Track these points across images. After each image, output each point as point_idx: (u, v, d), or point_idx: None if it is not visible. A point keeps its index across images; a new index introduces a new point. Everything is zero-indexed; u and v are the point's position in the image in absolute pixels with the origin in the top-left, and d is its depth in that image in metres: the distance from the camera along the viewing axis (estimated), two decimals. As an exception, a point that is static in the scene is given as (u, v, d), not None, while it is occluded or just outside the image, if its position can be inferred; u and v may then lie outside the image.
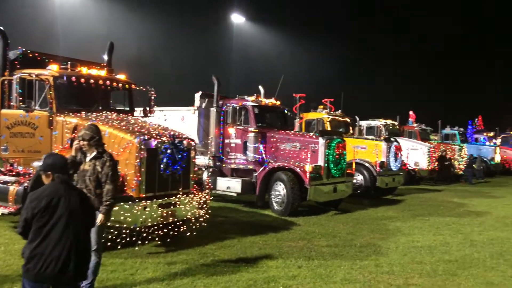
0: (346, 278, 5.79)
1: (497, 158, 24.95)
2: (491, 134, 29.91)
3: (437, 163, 19.38)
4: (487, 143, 27.23)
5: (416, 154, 18.64)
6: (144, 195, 6.51)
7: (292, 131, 12.23)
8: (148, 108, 8.85)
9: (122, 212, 6.12)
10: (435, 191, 16.58)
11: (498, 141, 28.66)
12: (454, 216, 10.93)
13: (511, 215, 11.38)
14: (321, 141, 10.65)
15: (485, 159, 23.90)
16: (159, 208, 6.64)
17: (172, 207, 6.84)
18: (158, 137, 6.80)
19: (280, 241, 7.75)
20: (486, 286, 5.70)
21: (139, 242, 6.51)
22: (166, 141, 6.82)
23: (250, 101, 11.62)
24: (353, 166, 12.32)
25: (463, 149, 22.20)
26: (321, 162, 10.55)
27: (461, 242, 8.15)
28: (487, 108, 39.18)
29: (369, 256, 6.93)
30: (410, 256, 7.06)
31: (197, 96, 12.18)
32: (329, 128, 15.02)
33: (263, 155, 11.09)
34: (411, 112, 23.79)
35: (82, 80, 7.74)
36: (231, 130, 11.62)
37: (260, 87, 12.32)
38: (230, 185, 11.22)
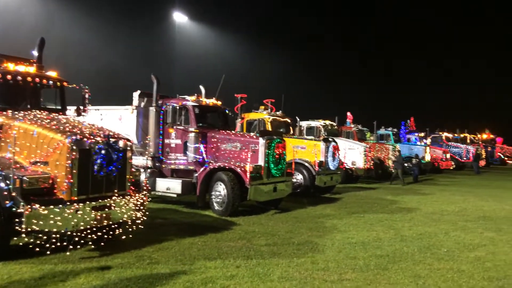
0: (283, 276, 5.88)
1: (427, 157, 26.48)
2: (422, 134, 31.75)
3: (372, 162, 20.25)
4: (418, 143, 28.85)
5: (353, 153, 19.33)
6: (76, 198, 6.23)
7: (233, 131, 12.24)
8: (81, 107, 8.47)
9: (51, 216, 5.83)
10: (370, 189, 17.31)
11: (428, 141, 30.49)
12: (387, 213, 11.45)
13: (439, 211, 12.11)
14: (261, 141, 10.75)
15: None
16: (93, 211, 6.38)
17: (106, 209, 6.59)
18: (92, 137, 6.54)
19: (219, 242, 7.73)
20: (414, 279, 6.00)
21: (71, 247, 6.21)
22: (100, 141, 6.58)
23: (190, 100, 11.49)
24: (293, 165, 12.56)
25: (397, 148, 23.32)
26: (261, 162, 10.65)
27: (393, 238, 8.55)
28: (419, 110, 41.46)
29: (306, 254, 7.08)
30: (345, 252, 7.31)
31: (136, 95, 11.86)
32: (270, 129, 15.21)
33: (204, 155, 11.02)
34: (348, 113, 24.68)
35: (9, 77, 7.28)
36: (171, 130, 11.44)
37: (201, 87, 12.22)
38: (170, 186, 11.04)
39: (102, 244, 6.81)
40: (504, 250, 7.79)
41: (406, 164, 25.61)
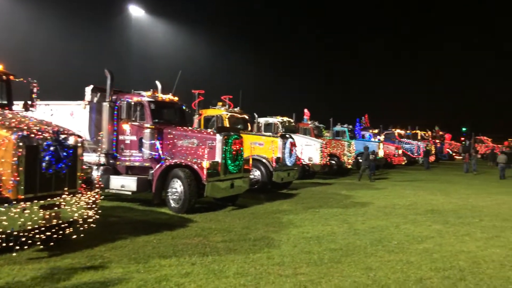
0: (238, 272, 5.90)
1: (381, 153, 27.30)
2: (376, 131, 32.74)
3: (328, 158, 20.68)
4: (372, 139, 29.71)
5: (309, 150, 19.64)
6: (22, 197, 5.96)
7: (190, 128, 12.11)
8: (29, 102, 8.10)
9: (-4, 216, 5.55)
10: (326, 185, 17.65)
11: (382, 137, 31.47)
12: (341, 207, 11.73)
13: (391, 205, 12.53)
14: (218, 137, 10.71)
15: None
16: (41, 210, 6.13)
17: (56, 208, 6.36)
18: (40, 133, 6.27)
19: (175, 239, 7.64)
20: (365, 271, 6.19)
21: (18, 247, 5.94)
22: (49, 137, 6.33)
23: (146, 96, 11.27)
24: (250, 162, 12.60)
25: (352, 145, 23.94)
26: (218, 158, 10.61)
27: (346, 231, 8.77)
28: (373, 107, 42.77)
29: (262, 249, 7.13)
30: (300, 246, 7.42)
31: (88, 90, 11.46)
32: (228, 125, 15.19)
33: (160, 152, 10.85)
34: (306, 110, 25.02)
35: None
36: (126, 126, 11.17)
37: (157, 82, 11.99)
38: (125, 183, 10.79)
39: (52, 244, 6.55)
40: (450, 242, 8.16)
41: (361, 160, 26.44)
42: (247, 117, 16.80)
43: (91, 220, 6.98)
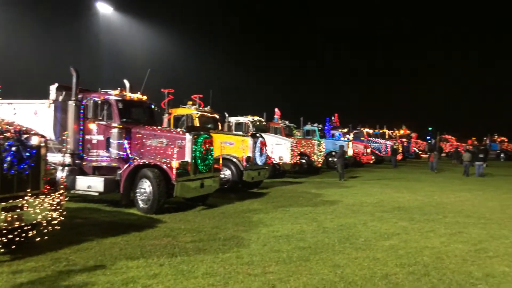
0: (207, 272, 5.87)
1: (350, 152, 27.75)
2: (345, 130, 33.28)
3: (298, 157, 20.86)
4: (342, 138, 30.18)
5: (280, 149, 19.77)
6: (-18, 199, 5.75)
7: (159, 127, 11.97)
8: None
9: (-47, 219, 5.33)
10: (296, 183, 17.81)
11: (351, 136, 32.02)
12: (311, 206, 11.86)
13: (359, 203, 12.75)
14: (188, 137, 10.64)
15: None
16: (3, 212, 5.93)
17: (18, 210, 6.15)
18: (1, 133, 6.06)
19: (143, 240, 7.54)
20: (333, 269, 6.28)
21: (-23, 251, 5.74)
22: (11, 137, 6.12)
23: (113, 95, 11.06)
24: (221, 161, 12.57)
25: (322, 144, 24.24)
26: (188, 158, 10.53)
27: (315, 230, 8.87)
28: (342, 107, 43.44)
29: (232, 249, 7.13)
30: (269, 245, 7.46)
31: (53, 88, 11.16)
32: (198, 124, 15.10)
33: (128, 151, 10.68)
34: (276, 109, 25.16)
35: None
36: (92, 126, 10.93)
37: (125, 81, 11.79)
38: (91, 184, 10.57)
39: (14, 247, 6.33)
40: (415, 238, 8.38)
41: (331, 159, 26.83)
42: (217, 116, 16.74)
43: (55, 222, 6.78)
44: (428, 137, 54.96)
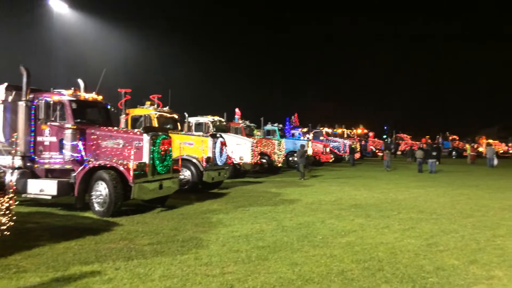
0: (164, 275, 5.80)
1: (310, 151, 28.15)
2: (305, 129, 33.74)
3: (259, 156, 20.96)
4: (302, 138, 30.57)
5: (240, 149, 19.79)
6: None
7: (115, 128, 11.69)
8: None
9: None
10: (257, 183, 17.88)
11: (311, 136, 32.50)
12: (270, 205, 11.94)
13: (317, 201, 12.96)
14: (146, 137, 10.45)
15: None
16: None
17: (-38, 216, 5.85)
18: None
19: (98, 244, 7.34)
20: (291, 267, 6.35)
21: None
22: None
23: (66, 95, 10.71)
24: (180, 162, 12.43)
25: (282, 143, 24.46)
26: (146, 159, 10.35)
27: (274, 229, 8.93)
28: (301, 107, 44.05)
29: (190, 250, 7.07)
30: (228, 246, 7.45)
31: (2, 88, 10.69)
32: (156, 125, 14.87)
33: (83, 153, 10.38)
34: (237, 109, 25.18)
35: None
36: (44, 127, 10.54)
37: (80, 81, 11.43)
38: (44, 187, 10.19)
39: (-42, 255, 6.03)
40: (371, 235, 8.60)
41: (291, 159, 27.13)
42: (177, 116, 16.54)
43: (4, 227, 6.49)
44: (384, 136, 56.66)
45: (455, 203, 13.02)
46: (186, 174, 14.17)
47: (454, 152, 48.26)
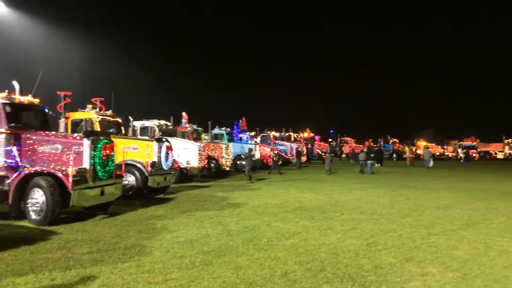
0: (104, 284, 5.61)
1: (257, 155, 28.38)
2: (253, 133, 33.97)
3: (206, 161, 20.84)
4: (250, 142, 30.75)
5: (187, 153, 19.58)
6: None
7: (53, 132, 11.18)
8: None
9: None
10: (204, 187, 17.76)
11: (258, 139, 32.77)
12: (217, 209, 11.90)
13: (264, 204, 13.07)
14: (86, 142, 10.08)
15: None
16: None
17: None
18: None
19: (34, 254, 6.97)
20: (235, 270, 6.35)
21: None
22: None
23: (0, 98, 10.12)
24: (123, 167, 12.09)
25: (229, 147, 24.48)
26: (86, 164, 9.98)
27: (220, 233, 8.91)
28: (249, 110, 44.37)
29: (132, 258, 6.89)
30: (172, 252, 7.33)
31: None
32: (98, 129, 14.39)
33: (17, 159, 9.84)
34: (184, 113, 24.93)
35: None
36: (-25, 131, 9.89)
37: (15, 83, 10.84)
38: (-26, 196, 9.54)
39: None
40: (314, 236, 8.79)
41: (239, 162, 27.20)
42: (120, 120, 16.09)
43: None
44: (330, 139, 58.21)
45: (394, 204, 13.61)
46: (130, 179, 13.81)
47: (394, 155, 50.48)
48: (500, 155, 67.52)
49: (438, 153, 54.02)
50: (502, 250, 7.88)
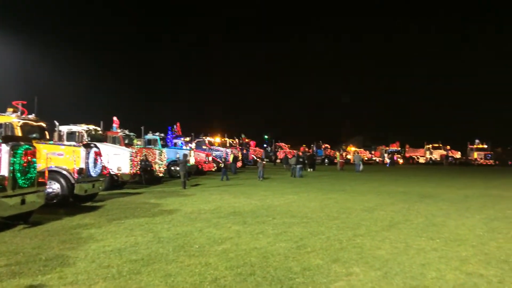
0: (21, 298, 5.28)
1: (192, 160, 28.10)
2: (188, 139, 33.62)
3: (138, 167, 20.28)
4: (184, 147, 30.39)
5: (118, 159, 18.95)
6: None
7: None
8: None
9: None
10: (136, 194, 17.27)
11: (193, 145, 32.48)
12: (148, 216, 11.62)
13: (197, 210, 12.97)
14: (5, 148, 9.43)
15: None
16: None
17: None
18: None
19: None
20: (164, 278, 6.24)
21: None
22: None
23: None
24: (46, 174, 11.44)
25: (163, 153, 24.03)
26: (4, 172, 9.33)
27: (150, 241, 8.71)
28: (183, 116, 43.94)
29: (54, 269, 6.53)
30: (98, 261, 7.05)
31: None
32: (20, 134, 13.51)
33: None
34: (115, 118, 24.12)
35: None
36: None
37: None
38: None
39: None
40: (246, 241, 8.86)
41: (173, 168, 26.78)
42: (44, 125, 15.20)
43: None
44: (265, 145, 59.05)
45: (324, 207, 14.09)
46: (54, 187, 13.09)
47: (326, 160, 52.29)
48: (422, 160, 72.30)
49: (366, 158, 56.67)
50: (420, 249, 8.43)
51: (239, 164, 36.24)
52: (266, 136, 60.72)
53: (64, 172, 13.20)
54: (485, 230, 10.56)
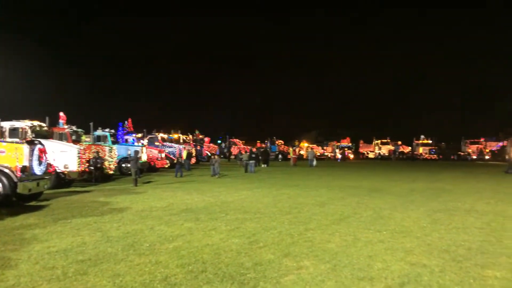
0: (-45, 305, 4.96)
1: (144, 157, 27.53)
2: (140, 135, 32.90)
3: (87, 164, 19.62)
4: (136, 144, 29.71)
5: (65, 156, 18.25)
6: None
7: None
8: None
9: None
10: (84, 192, 16.70)
11: (145, 141, 31.82)
12: (96, 215, 11.26)
13: (148, 208, 12.72)
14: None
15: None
16: None
17: None
18: None
19: None
20: (112, 279, 6.07)
21: None
22: None
23: None
24: (-14, 172, 10.83)
25: (113, 150, 23.38)
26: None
27: (98, 240, 8.45)
28: (135, 112, 42.93)
29: (-6, 273, 6.20)
30: (42, 263, 6.76)
31: None
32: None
33: None
34: (61, 113, 23.17)
35: None
36: None
37: None
38: None
39: None
40: (198, 238, 8.79)
41: (124, 165, 26.12)
42: (-16, 120, 14.39)
43: None
44: (219, 141, 58.84)
45: (276, 202, 14.24)
46: (-5, 186, 12.41)
47: (280, 155, 52.88)
48: (371, 155, 74.82)
49: (318, 154, 57.87)
50: (368, 241, 8.71)
51: (193, 160, 35.91)
52: (220, 137, 60.24)
53: (6, 171, 12.54)
54: (428, 221, 11.06)
